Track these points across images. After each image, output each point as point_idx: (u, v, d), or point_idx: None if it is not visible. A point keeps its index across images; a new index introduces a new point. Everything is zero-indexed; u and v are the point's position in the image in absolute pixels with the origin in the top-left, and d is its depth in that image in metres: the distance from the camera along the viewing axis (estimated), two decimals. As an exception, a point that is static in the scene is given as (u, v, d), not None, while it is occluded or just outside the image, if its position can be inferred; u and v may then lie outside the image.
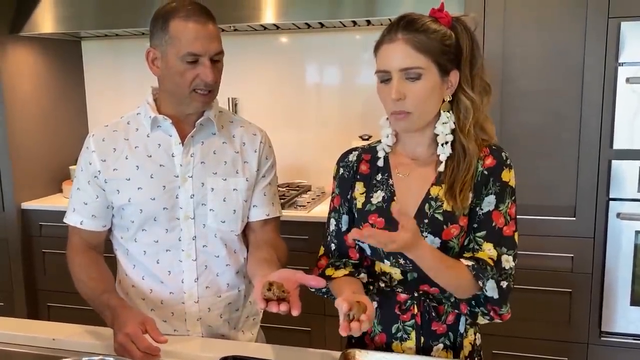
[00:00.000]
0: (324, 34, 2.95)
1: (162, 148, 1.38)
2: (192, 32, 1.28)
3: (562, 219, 2.27)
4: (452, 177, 1.17)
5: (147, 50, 1.37)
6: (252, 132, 1.47)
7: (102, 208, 1.40)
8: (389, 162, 1.26)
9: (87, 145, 1.41)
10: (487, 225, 1.17)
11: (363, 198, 1.25)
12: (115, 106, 3.31)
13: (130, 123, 1.42)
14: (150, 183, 1.36)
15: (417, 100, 1.13)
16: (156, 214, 1.37)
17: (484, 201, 1.17)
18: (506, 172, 1.19)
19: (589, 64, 2.16)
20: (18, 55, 2.95)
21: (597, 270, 2.27)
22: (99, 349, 1.29)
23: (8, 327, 1.41)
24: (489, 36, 2.23)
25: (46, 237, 2.95)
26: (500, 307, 1.15)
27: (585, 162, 2.22)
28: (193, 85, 1.31)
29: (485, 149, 1.21)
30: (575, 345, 2.33)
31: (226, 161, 1.41)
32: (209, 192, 1.38)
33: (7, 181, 2.91)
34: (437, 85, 1.15)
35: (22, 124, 2.96)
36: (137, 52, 3.25)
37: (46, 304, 3.02)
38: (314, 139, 3.07)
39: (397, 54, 1.12)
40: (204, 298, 1.41)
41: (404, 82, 1.13)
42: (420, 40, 1.12)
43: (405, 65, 1.12)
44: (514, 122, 2.28)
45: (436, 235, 1.16)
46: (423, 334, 1.21)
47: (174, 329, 1.41)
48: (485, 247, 1.16)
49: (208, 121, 1.39)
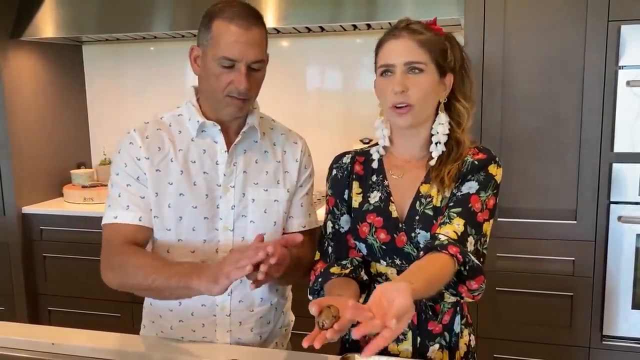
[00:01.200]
0: (325, 38, 2.96)
1: (207, 154, 1.33)
2: (232, 36, 1.22)
3: (562, 222, 2.26)
4: (440, 164, 1.21)
5: (191, 47, 1.32)
6: (293, 140, 1.44)
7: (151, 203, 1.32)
8: (383, 164, 1.29)
9: (131, 140, 1.31)
10: (462, 204, 1.17)
11: (360, 198, 1.28)
12: (116, 111, 3.32)
13: (172, 125, 1.35)
14: (193, 190, 1.30)
15: (420, 92, 1.17)
16: (195, 224, 1.31)
17: (464, 185, 1.19)
18: (494, 167, 1.21)
19: (589, 67, 2.16)
20: (19, 59, 2.95)
21: (599, 273, 2.26)
22: (98, 353, 1.28)
23: (8, 331, 1.41)
24: (489, 39, 2.23)
25: (47, 242, 2.95)
26: (473, 277, 1.10)
27: (586, 165, 2.22)
28: (227, 91, 1.25)
29: (474, 149, 1.24)
30: (577, 349, 2.32)
31: (267, 171, 1.37)
32: (249, 203, 1.34)
33: (8, 185, 2.91)
34: (435, 83, 1.19)
35: (23, 128, 2.97)
36: (138, 56, 3.27)
37: (47, 308, 3.02)
38: (314, 143, 3.04)
39: (402, 48, 1.17)
40: (236, 312, 1.37)
41: (407, 76, 1.17)
42: (423, 38, 1.18)
43: (410, 59, 1.17)
44: (514, 125, 2.27)
45: (427, 230, 1.18)
46: (419, 334, 1.21)
47: (203, 336, 1.37)
48: (455, 222, 1.14)
49: (251, 129, 1.35)
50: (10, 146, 2.88)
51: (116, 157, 1.34)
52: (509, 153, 2.27)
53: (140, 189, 1.31)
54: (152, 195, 1.31)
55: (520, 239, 2.31)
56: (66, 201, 3.07)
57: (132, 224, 1.30)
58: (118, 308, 2.86)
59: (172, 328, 1.39)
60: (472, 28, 2.24)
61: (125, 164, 1.32)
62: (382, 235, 1.22)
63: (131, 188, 1.31)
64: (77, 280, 2.91)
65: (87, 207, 2.94)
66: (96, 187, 3.05)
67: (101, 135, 3.40)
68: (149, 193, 1.31)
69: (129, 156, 1.31)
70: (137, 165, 1.31)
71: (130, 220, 1.30)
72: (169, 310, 1.38)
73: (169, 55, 3.17)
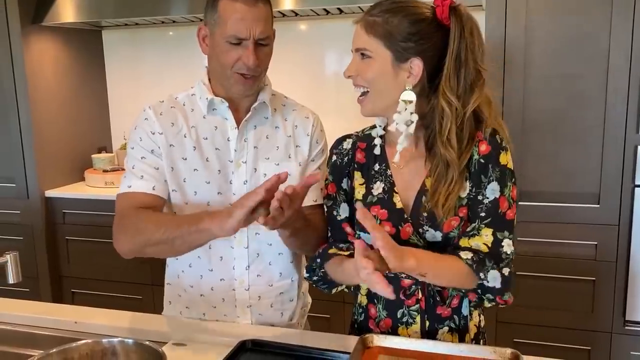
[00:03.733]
0: (343, 21, 2.92)
1: (218, 131, 1.35)
2: (238, 13, 1.23)
3: (585, 206, 2.23)
4: (434, 186, 1.14)
5: (199, 27, 1.33)
6: (305, 115, 1.44)
7: (167, 175, 1.34)
8: (385, 152, 1.24)
9: (146, 116, 1.35)
10: (492, 212, 1.14)
11: (363, 189, 1.24)
12: (135, 95, 3.35)
13: (186, 104, 1.38)
14: (206, 166, 1.33)
15: (368, 78, 1.15)
16: (210, 199, 1.34)
17: (487, 189, 1.15)
18: (503, 156, 1.15)
19: (614, 47, 2.10)
20: (41, 44, 2.99)
21: (622, 258, 2.22)
22: (119, 332, 1.30)
23: (32, 310, 1.44)
24: (511, 20, 2.18)
25: (69, 225, 3.00)
26: (502, 295, 1.14)
27: (610, 148, 2.17)
28: (235, 68, 1.27)
29: (479, 133, 1.15)
30: (599, 334, 2.29)
31: (278, 146, 1.38)
32: (261, 177, 1.35)
33: (32, 169, 2.96)
34: (388, 69, 1.13)
35: (45, 113, 3.01)
36: (157, 41, 3.28)
37: (70, 290, 3.08)
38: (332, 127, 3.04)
39: (355, 34, 1.17)
40: (255, 286, 1.39)
41: (359, 59, 1.16)
42: (373, 25, 1.13)
43: (358, 45, 1.16)
44: (537, 108, 2.23)
45: (437, 229, 1.15)
46: (428, 318, 1.21)
47: (224, 314, 1.40)
48: (483, 232, 1.14)
49: (262, 105, 1.37)
50: (33, 131, 2.93)
51: (132, 133, 1.37)
52: (531, 136, 2.23)
53: (154, 160, 1.33)
54: (168, 169, 1.33)
55: (541, 223, 2.28)
56: (88, 185, 3.12)
57: (146, 192, 1.31)
58: (139, 290, 2.91)
59: (193, 305, 1.41)
60: (493, 9, 2.19)
61: (140, 138, 1.34)
62: (387, 228, 1.18)
63: (146, 160, 1.33)
64: (99, 262, 2.96)
65: (108, 190, 2.97)
66: (117, 171, 3.09)
67: (121, 119, 3.44)
68: (164, 165, 1.33)
69: (144, 131, 1.34)
70: (152, 140, 1.33)
71: (144, 189, 1.31)
72: (189, 286, 1.40)
73: (188, 40, 3.17)
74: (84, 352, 1.09)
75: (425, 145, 1.19)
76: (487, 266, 1.12)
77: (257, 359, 1.17)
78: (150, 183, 1.32)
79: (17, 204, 3.02)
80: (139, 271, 2.81)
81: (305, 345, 1.21)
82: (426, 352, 1.11)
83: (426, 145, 1.19)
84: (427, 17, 1.12)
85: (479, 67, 1.13)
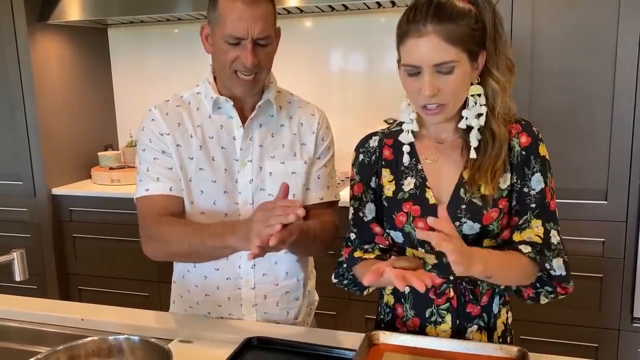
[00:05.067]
0: (348, 17, 2.92)
1: (224, 130, 1.35)
2: (237, 12, 1.21)
3: (593, 202, 2.21)
4: (480, 163, 1.12)
5: (201, 26, 1.33)
6: (310, 112, 1.43)
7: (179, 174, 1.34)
8: (415, 147, 1.21)
9: (152, 117, 1.35)
10: (541, 203, 1.14)
11: (393, 186, 1.20)
12: (141, 93, 3.35)
13: (191, 102, 1.38)
14: (212, 165, 1.33)
15: (451, 93, 1.07)
16: (216, 197, 1.34)
17: (531, 181, 1.14)
18: (542, 147, 1.16)
19: (622, 41, 2.08)
20: (47, 43, 2.99)
21: (629, 254, 2.21)
22: (125, 329, 1.30)
23: (39, 307, 1.45)
24: (518, 14, 2.17)
25: (76, 222, 3.01)
26: (568, 282, 1.13)
27: (618, 144, 2.15)
28: (233, 67, 1.26)
29: (516, 125, 1.16)
30: (606, 331, 2.28)
31: (284, 144, 1.38)
32: (267, 176, 1.35)
33: (38, 167, 2.97)
34: (468, 73, 1.08)
35: (51, 111, 3.02)
36: (162, 39, 3.28)
37: (77, 287, 3.10)
38: (338, 124, 3.03)
39: (428, 48, 1.03)
40: (261, 285, 1.39)
41: (437, 76, 1.05)
42: (451, 31, 1.03)
43: (439, 60, 1.04)
44: (543, 103, 2.22)
45: (475, 221, 1.13)
46: (458, 317, 1.18)
47: (229, 312, 1.40)
48: (533, 225, 1.13)
49: (267, 103, 1.36)
50: (39, 129, 2.94)
51: (140, 135, 1.37)
52: (537, 132, 2.22)
53: (167, 160, 1.34)
54: (178, 168, 1.33)
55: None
56: (94, 183, 3.13)
57: (164, 194, 1.32)
58: (146, 287, 2.92)
59: (199, 303, 1.41)
60: (499, 4, 2.16)
61: (150, 140, 1.34)
62: (420, 224, 1.16)
63: (158, 161, 1.34)
64: (106, 260, 2.97)
65: (115, 188, 2.98)
66: (123, 168, 3.10)
67: (127, 117, 3.44)
68: (176, 164, 1.33)
69: (152, 132, 1.34)
70: (161, 140, 1.34)
71: (161, 191, 1.32)
72: (195, 285, 1.40)
73: (193, 37, 3.14)
74: (91, 349, 1.10)
75: (466, 132, 1.15)
76: (548, 256, 1.11)
77: (263, 356, 1.18)
78: (167, 184, 1.32)
79: (24, 202, 3.04)
80: (146, 268, 2.82)
81: (311, 342, 1.21)
82: (433, 349, 1.11)
83: (467, 132, 1.15)
84: (470, 6, 1.08)
85: (507, 48, 1.13)
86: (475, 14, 1.07)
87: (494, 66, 1.11)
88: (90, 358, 1.09)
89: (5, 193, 3.06)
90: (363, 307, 2.46)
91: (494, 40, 1.10)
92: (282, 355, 1.18)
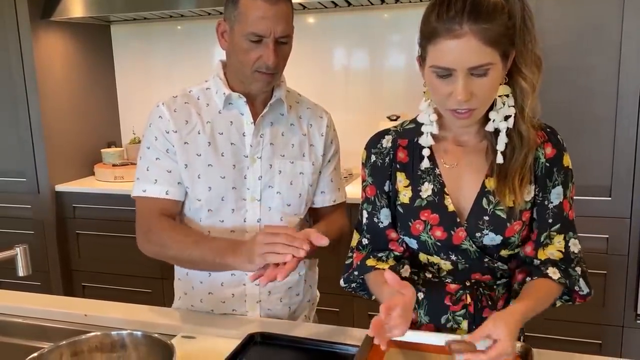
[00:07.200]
0: (352, 14, 2.91)
1: (234, 126, 1.35)
2: (259, 11, 1.22)
3: (597, 198, 2.21)
4: (506, 168, 1.07)
5: (218, 22, 1.32)
6: (319, 114, 1.45)
7: (180, 176, 1.35)
8: (432, 149, 1.13)
9: (160, 114, 1.34)
10: (560, 217, 1.11)
11: (409, 192, 1.14)
12: (145, 90, 3.35)
13: (200, 98, 1.37)
14: (221, 161, 1.33)
15: (485, 97, 1.01)
16: (224, 194, 1.34)
17: (551, 194, 1.10)
18: (566, 157, 1.12)
19: (626, 38, 2.07)
20: (50, 40, 2.99)
21: (633, 251, 2.20)
22: (128, 324, 1.31)
23: (43, 303, 1.45)
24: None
25: (79, 219, 3.02)
26: (589, 294, 1.13)
27: (622, 140, 2.14)
28: (255, 66, 1.27)
29: (542, 133, 1.11)
30: (610, 328, 2.28)
31: (293, 144, 1.39)
32: (276, 174, 1.36)
33: (42, 164, 2.98)
34: (501, 74, 1.02)
35: (54, 108, 3.02)
36: (165, 35, 3.28)
37: (81, 283, 3.10)
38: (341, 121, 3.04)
39: (465, 51, 0.95)
40: None
41: (470, 79, 0.98)
42: (489, 33, 0.95)
43: (476, 63, 0.96)
44: (547, 99, 2.16)
45: (498, 233, 1.09)
46: (474, 322, 1.15)
47: (233, 309, 1.40)
48: (555, 240, 1.11)
49: (278, 101, 1.37)
50: (43, 126, 2.94)
51: (146, 131, 1.37)
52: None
53: (168, 162, 1.34)
54: (182, 168, 1.33)
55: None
56: (97, 179, 3.13)
57: (160, 197, 1.34)
58: (149, 284, 2.92)
59: (203, 300, 1.41)
60: None
61: (156, 137, 1.35)
62: (438, 233, 1.11)
63: (159, 162, 1.34)
64: (109, 256, 2.98)
65: (118, 185, 2.99)
66: (126, 165, 3.10)
67: (130, 114, 3.44)
68: (178, 166, 1.33)
69: (159, 130, 1.34)
70: (166, 139, 1.34)
71: (158, 194, 1.34)
72: (199, 282, 1.40)
73: (196, 34, 3.17)
74: (94, 345, 1.10)
75: (493, 136, 1.09)
76: (574, 275, 1.10)
77: (265, 352, 1.18)
78: (164, 187, 1.33)
79: (27, 199, 3.04)
80: (149, 265, 2.80)
81: (314, 338, 1.20)
82: (436, 345, 1.10)
83: (494, 136, 1.09)
84: (501, 0, 1.00)
85: (536, 43, 1.05)
86: (506, 10, 0.99)
87: (523, 64, 1.04)
88: (93, 353, 1.09)
89: (9, 190, 3.07)
90: (366, 304, 2.45)
91: (523, 36, 1.03)
92: (285, 350, 1.18)
